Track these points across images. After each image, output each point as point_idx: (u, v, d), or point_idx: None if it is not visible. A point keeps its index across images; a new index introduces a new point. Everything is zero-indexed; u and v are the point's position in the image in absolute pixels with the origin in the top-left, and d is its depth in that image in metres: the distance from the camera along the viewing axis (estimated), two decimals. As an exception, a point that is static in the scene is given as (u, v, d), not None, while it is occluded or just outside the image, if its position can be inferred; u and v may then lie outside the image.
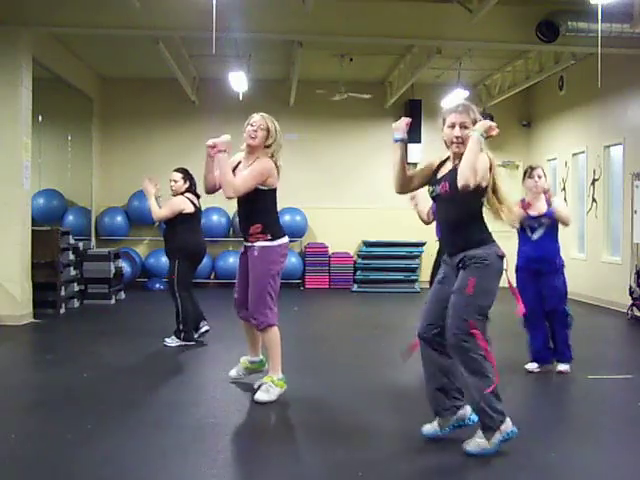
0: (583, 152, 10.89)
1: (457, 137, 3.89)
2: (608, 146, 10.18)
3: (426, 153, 12.61)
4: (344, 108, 12.00)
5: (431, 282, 4.69)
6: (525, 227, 5.83)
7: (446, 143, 3.99)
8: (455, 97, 11.43)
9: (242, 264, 4.96)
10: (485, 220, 3.88)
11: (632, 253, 9.24)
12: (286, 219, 12.20)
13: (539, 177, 5.74)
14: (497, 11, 7.93)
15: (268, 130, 4.88)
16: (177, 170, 7.10)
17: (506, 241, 4.84)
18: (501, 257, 3.84)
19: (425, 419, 4.06)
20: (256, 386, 4.97)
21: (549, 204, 5.78)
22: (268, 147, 4.87)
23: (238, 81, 10.30)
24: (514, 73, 11.23)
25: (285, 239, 4.93)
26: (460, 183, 3.68)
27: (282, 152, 4.96)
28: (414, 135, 12.59)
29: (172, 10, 7.95)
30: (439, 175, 4.01)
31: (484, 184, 3.79)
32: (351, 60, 10.66)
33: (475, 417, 3.88)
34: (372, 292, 11.92)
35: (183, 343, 6.75)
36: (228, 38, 8.55)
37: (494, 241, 3.87)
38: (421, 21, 8.49)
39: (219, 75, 10.97)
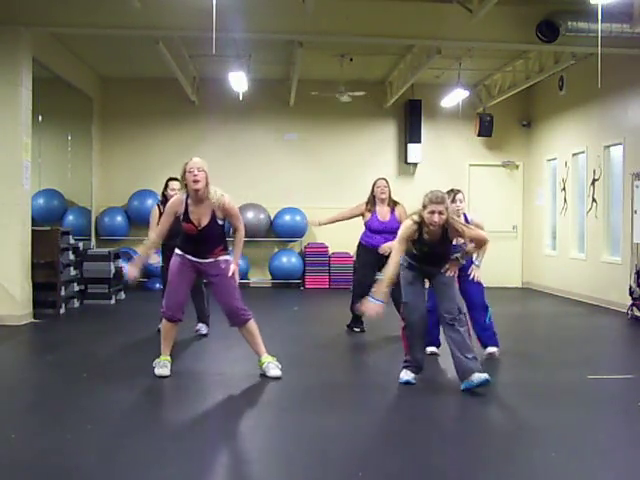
0: (583, 152, 10.89)
1: (435, 221, 4.99)
2: (608, 146, 10.17)
3: (426, 153, 12.62)
4: (344, 108, 11.99)
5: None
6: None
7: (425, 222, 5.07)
8: (455, 97, 11.45)
9: (186, 272, 5.43)
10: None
11: (632, 253, 9.23)
12: (286, 219, 12.23)
13: (460, 201, 6.29)
14: (497, 11, 7.93)
15: (205, 171, 5.25)
16: (177, 179, 7.22)
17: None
18: None
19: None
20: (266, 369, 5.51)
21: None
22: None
23: (238, 81, 10.29)
24: (514, 73, 11.23)
25: None
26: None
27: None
28: (414, 135, 12.61)
29: (172, 10, 7.94)
30: (432, 239, 5.14)
31: None
32: (351, 60, 10.66)
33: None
34: (372, 292, 11.90)
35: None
36: (228, 38, 8.55)
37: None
38: (421, 21, 8.48)
39: (219, 75, 10.97)
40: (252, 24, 8.16)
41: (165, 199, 7.22)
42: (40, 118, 10.06)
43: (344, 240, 12.42)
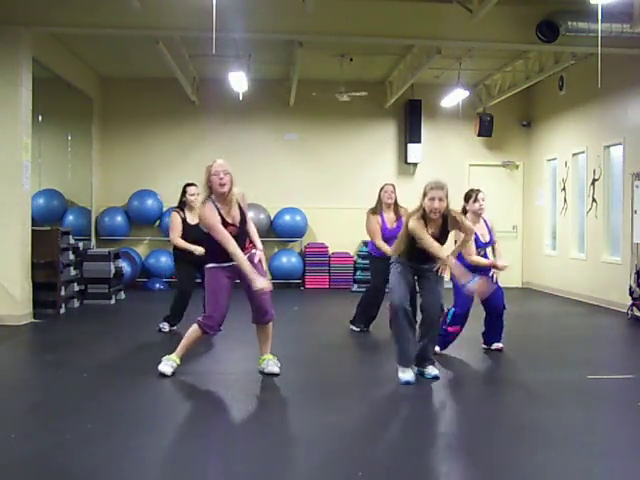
0: (583, 152, 10.89)
1: (435, 208, 5.10)
2: (608, 146, 10.17)
3: (426, 153, 12.62)
4: (344, 108, 11.99)
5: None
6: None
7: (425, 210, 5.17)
8: (455, 97, 11.45)
9: (226, 284, 5.34)
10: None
11: (632, 253, 9.23)
12: (286, 219, 12.24)
13: (483, 200, 6.39)
14: (497, 11, 7.93)
15: (230, 174, 5.26)
16: (194, 185, 7.30)
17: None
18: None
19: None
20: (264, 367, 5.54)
21: (489, 229, 6.44)
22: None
23: (238, 81, 10.29)
24: (514, 73, 11.23)
25: None
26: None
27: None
28: (414, 135, 12.61)
29: (172, 10, 7.94)
30: (431, 232, 5.21)
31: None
32: (351, 60, 10.66)
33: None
34: (372, 292, 11.89)
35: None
36: (228, 38, 8.55)
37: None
38: (421, 21, 8.49)
39: (219, 75, 10.97)
40: (252, 24, 8.16)
41: (184, 204, 7.32)
42: (40, 118, 10.05)
43: (344, 240, 12.47)
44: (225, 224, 5.23)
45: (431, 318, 5.40)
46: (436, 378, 5.37)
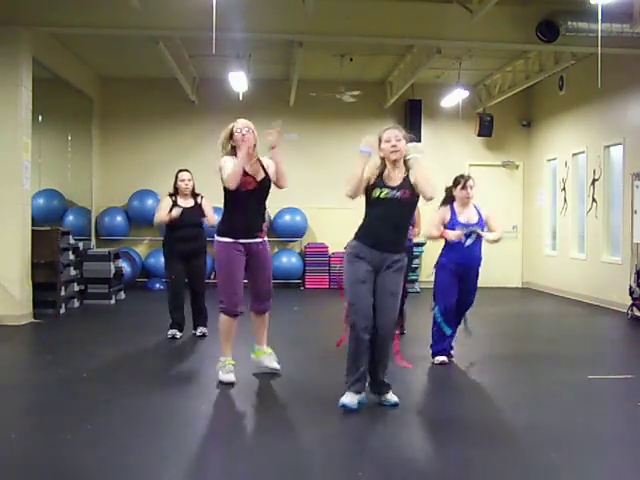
0: (583, 152, 10.89)
1: (394, 146, 4.72)
2: (608, 146, 10.17)
3: (426, 153, 12.61)
4: (344, 108, 11.99)
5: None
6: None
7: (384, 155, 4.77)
8: (455, 97, 11.45)
9: (240, 261, 5.32)
10: None
11: (632, 253, 9.23)
12: (286, 219, 12.23)
13: (471, 188, 6.21)
14: (497, 11, 7.94)
15: (254, 132, 5.44)
16: (187, 170, 7.36)
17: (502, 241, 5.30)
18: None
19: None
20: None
21: (479, 214, 6.17)
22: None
23: (238, 81, 10.30)
24: (514, 73, 11.22)
25: None
26: (430, 194, 4.63)
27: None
28: (414, 135, 12.59)
29: (172, 10, 7.95)
30: (392, 183, 4.76)
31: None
32: (351, 60, 10.66)
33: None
34: (372, 292, 11.88)
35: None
36: (228, 38, 8.55)
37: None
38: (421, 21, 8.49)
39: (219, 75, 10.97)
40: (252, 24, 8.16)
41: (176, 190, 7.25)
42: (40, 118, 10.06)
43: (344, 240, 12.43)
44: (244, 173, 5.23)
45: (387, 340, 4.68)
46: (396, 405, 4.69)
